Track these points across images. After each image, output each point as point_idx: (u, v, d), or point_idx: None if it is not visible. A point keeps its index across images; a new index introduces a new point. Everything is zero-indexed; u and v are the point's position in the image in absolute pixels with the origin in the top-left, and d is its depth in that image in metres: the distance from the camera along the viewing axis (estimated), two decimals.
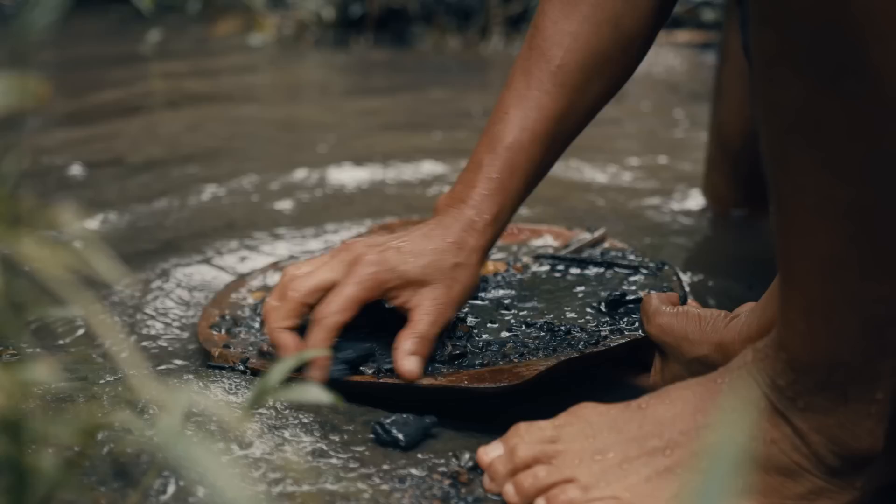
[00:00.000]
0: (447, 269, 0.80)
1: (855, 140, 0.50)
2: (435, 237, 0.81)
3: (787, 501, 0.62)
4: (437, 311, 0.79)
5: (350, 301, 0.77)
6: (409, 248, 0.80)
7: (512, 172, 0.82)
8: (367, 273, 0.78)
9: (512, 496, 0.64)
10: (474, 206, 0.82)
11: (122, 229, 1.28)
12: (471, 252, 0.81)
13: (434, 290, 0.79)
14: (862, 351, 0.56)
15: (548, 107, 0.82)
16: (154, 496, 0.62)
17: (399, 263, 0.79)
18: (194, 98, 2.31)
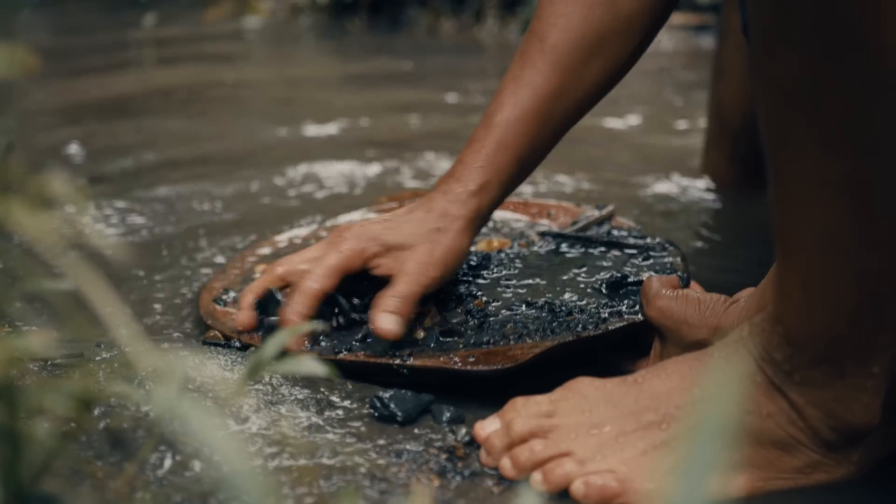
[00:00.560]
0: (427, 232, 0.81)
1: (854, 114, 0.50)
2: (417, 210, 0.83)
3: (783, 475, 0.62)
4: (418, 270, 0.79)
5: (330, 269, 0.79)
6: (391, 220, 0.82)
7: (499, 147, 0.82)
8: (347, 243, 0.80)
9: (508, 470, 0.64)
10: (461, 180, 0.83)
11: (120, 202, 1.28)
12: (453, 220, 0.82)
13: (415, 252, 0.80)
14: (858, 325, 0.57)
15: (539, 85, 0.82)
16: (151, 470, 0.62)
17: (379, 233, 0.81)
18: (189, 80, 2.31)
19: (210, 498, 0.60)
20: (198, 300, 0.92)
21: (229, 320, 0.85)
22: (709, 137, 1.36)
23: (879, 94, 0.49)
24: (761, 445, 0.62)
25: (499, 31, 3.09)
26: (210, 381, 0.73)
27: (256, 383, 0.75)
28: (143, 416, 0.68)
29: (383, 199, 1.18)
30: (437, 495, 0.63)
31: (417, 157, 1.57)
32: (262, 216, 1.25)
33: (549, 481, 0.62)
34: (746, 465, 0.62)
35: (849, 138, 0.51)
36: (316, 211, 1.26)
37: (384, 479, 0.64)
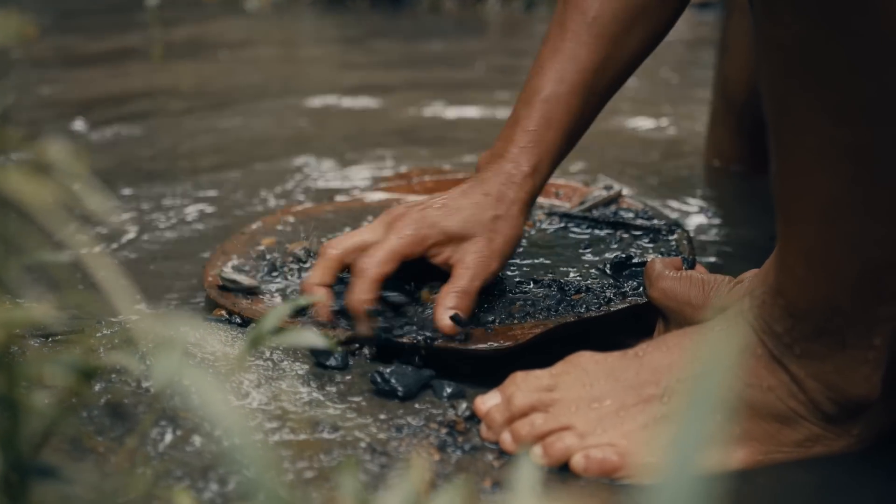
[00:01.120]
0: (487, 221, 0.79)
1: (857, 79, 0.49)
2: (474, 193, 0.81)
3: (783, 448, 0.62)
4: (479, 264, 0.79)
5: (391, 253, 0.78)
6: (449, 205, 0.80)
7: (549, 125, 0.81)
8: (408, 229, 0.79)
9: (509, 444, 0.64)
10: (512, 160, 0.82)
11: (121, 172, 1.28)
12: (510, 204, 0.81)
13: (475, 243, 0.79)
14: (860, 296, 0.56)
15: (584, 58, 0.81)
16: (152, 444, 0.62)
17: (439, 220, 0.79)
18: (192, 55, 2.30)
19: (211, 472, 0.60)
20: (202, 274, 0.92)
21: (236, 299, 0.85)
22: (713, 114, 1.35)
23: (884, 60, 0.48)
24: (761, 418, 0.62)
25: (501, 8, 3.08)
26: (211, 355, 0.73)
27: (257, 358, 0.75)
28: (144, 391, 0.68)
29: (392, 176, 1.18)
30: (437, 469, 0.63)
31: (419, 136, 1.56)
32: (263, 195, 1.24)
33: (550, 455, 0.62)
34: (746, 439, 0.62)
35: (852, 105, 0.50)
36: (316, 190, 1.26)
37: (384, 453, 0.64)
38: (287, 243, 0.98)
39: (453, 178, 1.14)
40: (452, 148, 1.48)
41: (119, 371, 0.69)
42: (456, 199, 0.81)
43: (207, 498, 0.57)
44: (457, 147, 1.48)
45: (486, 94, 1.90)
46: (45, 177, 0.33)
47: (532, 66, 0.84)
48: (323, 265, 0.81)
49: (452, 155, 1.43)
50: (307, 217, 1.06)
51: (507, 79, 2.08)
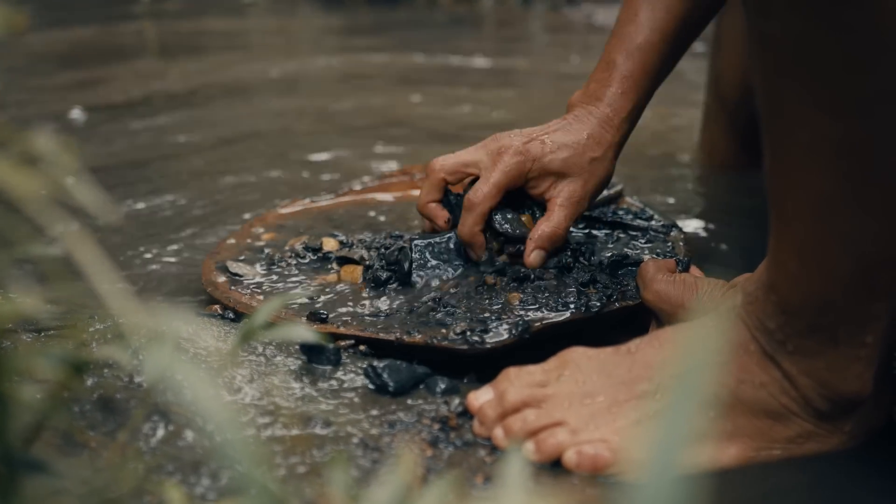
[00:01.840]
0: (585, 163, 0.84)
1: (850, 74, 0.49)
2: (574, 131, 0.85)
3: (775, 445, 0.62)
4: (572, 204, 0.84)
5: (496, 187, 0.84)
6: (553, 140, 0.85)
7: (645, 71, 0.85)
8: (512, 161, 0.84)
9: (501, 440, 0.64)
10: (610, 104, 0.86)
11: (117, 164, 1.28)
12: (608, 147, 0.85)
13: (572, 183, 0.85)
14: (852, 292, 0.56)
15: (676, 7, 0.84)
16: (144, 439, 0.62)
17: (541, 155, 0.84)
18: (188, 49, 2.29)
19: (202, 467, 0.60)
20: (202, 268, 0.92)
21: (231, 294, 0.85)
22: (707, 111, 1.36)
23: (877, 56, 0.48)
24: (754, 415, 0.62)
25: (494, 2, 3.08)
26: (203, 350, 0.73)
27: (250, 354, 0.74)
28: (137, 385, 0.68)
29: (395, 172, 1.18)
30: (429, 465, 0.63)
31: (416, 130, 1.56)
32: (262, 187, 1.24)
33: (542, 451, 0.62)
34: (738, 435, 0.62)
35: (845, 100, 0.50)
36: (316, 183, 1.26)
37: (377, 448, 0.63)
38: (288, 238, 0.98)
39: None
40: (451, 143, 1.48)
41: (111, 365, 0.69)
42: (557, 136, 0.85)
43: (199, 493, 0.57)
44: (454, 141, 1.48)
45: (482, 90, 1.90)
46: (34, 168, 0.33)
47: (622, 12, 0.87)
48: (429, 183, 0.88)
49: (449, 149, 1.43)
50: (309, 212, 1.06)
51: (503, 76, 2.08)
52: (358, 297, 0.84)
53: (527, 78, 2.06)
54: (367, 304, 0.83)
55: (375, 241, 0.93)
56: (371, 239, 0.94)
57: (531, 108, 1.77)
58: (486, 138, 0.87)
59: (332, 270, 0.90)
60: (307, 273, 0.90)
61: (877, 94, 0.49)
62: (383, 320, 0.79)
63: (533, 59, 2.36)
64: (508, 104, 1.78)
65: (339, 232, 0.99)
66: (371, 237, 0.95)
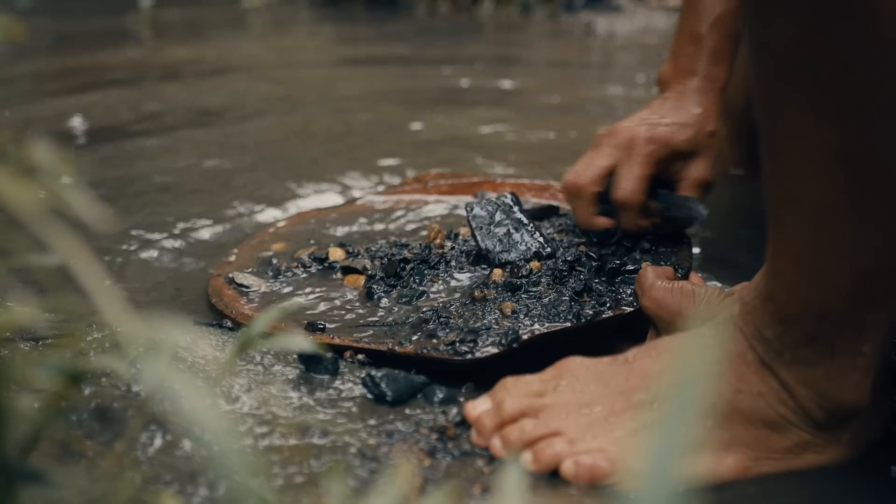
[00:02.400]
0: (707, 138, 0.88)
1: (849, 84, 0.49)
2: (684, 108, 0.89)
3: (773, 455, 0.62)
4: (702, 182, 0.89)
5: (640, 180, 0.87)
6: (671, 120, 0.88)
7: (728, 39, 0.89)
8: (647, 151, 0.87)
9: (499, 450, 0.64)
10: (705, 76, 0.89)
11: (113, 175, 1.28)
12: (717, 118, 0.89)
13: (698, 161, 0.89)
14: (850, 302, 0.56)
15: None
16: (141, 449, 0.62)
17: (670, 138, 0.88)
18: (189, 62, 2.30)
19: (200, 477, 0.59)
20: (208, 279, 0.93)
21: (237, 305, 0.85)
22: None
23: (873, 65, 0.48)
24: (751, 425, 0.61)
25: (495, 11, 3.08)
26: (202, 359, 0.73)
27: (248, 363, 0.74)
28: (134, 395, 0.68)
29: (409, 180, 1.18)
30: (427, 475, 0.62)
31: (426, 141, 1.56)
32: (268, 199, 1.24)
33: (539, 461, 0.62)
34: (736, 445, 0.62)
35: (843, 109, 0.50)
36: (324, 192, 1.26)
37: (374, 458, 0.63)
38: (296, 247, 0.98)
39: (468, 181, 1.15)
40: (455, 151, 1.48)
41: (108, 375, 0.69)
42: (675, 116, 0.89)
43: (196, 503, 0.57)
44: (460, 151, 1.48)
45: (481, 98, 1.90)
46: (31, 178, 0.33)
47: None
48: (584, 202, 0.89)
49: (456, 159, 1.43)
50: (318, 221, 1.06)
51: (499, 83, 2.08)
52: (357, 308, 0.84)
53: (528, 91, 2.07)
54: (366, 314, 0.83)
55: (381, 249, 0.94)
56: (377, 248, 0.94)
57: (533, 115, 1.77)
58: (600, 135, 0.89)
59: (336, 280, 0.90)
60: (311, 283, 0.90)
61: (874, 103, 0.49)
62: (378, 330, 0.79)
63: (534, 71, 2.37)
64: (509, 114, 1.79)
65: (347, 241, 0.99)
66: (377, 246, 0.95)
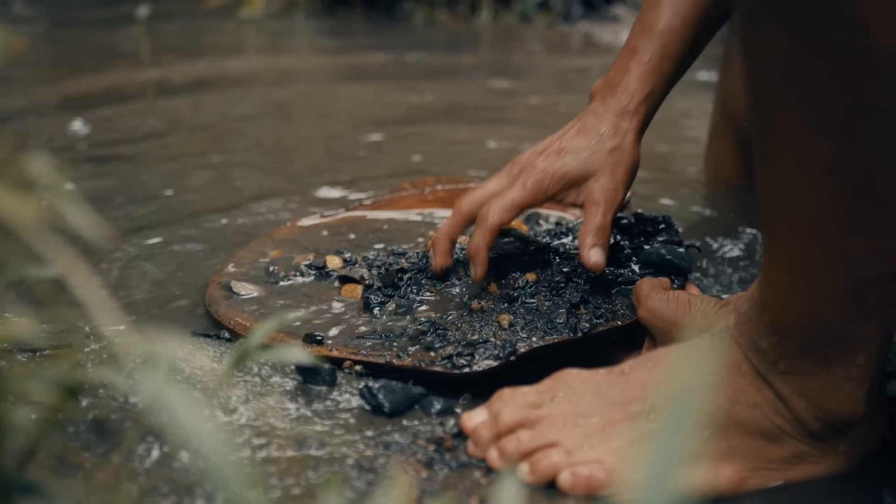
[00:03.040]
0: (605, 155, 0.84)
1: (840, 94, 0.49)
2: (589, 130, 0.85)
3: (770, 465, 0.62)
4: (606, 198, 0.83)
5: (512, 203, 0.83)
6: (568, 147, 0.85)
7: (664, 56, 0.85)
8: (531, 179, 0.83)
9: (496, 461, 0.64)
10: (626, 91, 0.86)
11: (109, 189, 1.28)
12: (625, 134, 0.85)
13: (598, 179, 0.84)
14: (844, 312, 0.56)
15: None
16: (139, 461, 0.62)
17: (560, 167, 0.84)
18: (186, 74, 2.30)
19: (197, 489, 0.60)
20: (206, 287, 0.93)
21: (235, 314, 0.85)
22: (713, 128, 1.35)
23: (863, 74, 0.48)
24: (748, 435, 0.62)
25: (493, 21, 3.09)
26: (199, 370, 0.73)
27: (245, 374, 0.75)
28: (132, 406, 0.68)
29: (406, 185, 1.18)
30: (424, 486, 0.62)
31: (417, 144, 1.57)
32: (259, 207, 1.24)
33: (537, 472, 0.62)
34: (733, 455, 0.62)
35: (835, 120, 0.50)
36: (320, 202, 1.26)
37: (371, 469, 0.64)
38: (295, 255, 0.98)
39: (465, 186, 1.15)
40: (451, 159, 1.48)
41: (106, 386, 0.69)
42: (573, 140, 0.85)
43: None
44: (455, 158, 1.49)
45: (481, 108, 1.91)
46: (29, 192, 0.33)
47: (646, 1, 0.87)
48: (453, 219, 0.87)
49: (450, 165, 1.43)
50: (317, 228, 1.06)
51: (500, 96, 2.09)
52: (355, 318, 0.84)
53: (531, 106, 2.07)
54: (363, 324, 0.83)
55: (378, 258, 0.94)
56: (374, 257, 0.94)
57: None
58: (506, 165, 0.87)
59: (334, 289, 0.90)
60: (309, 292, 0.90)
61: (867, 113, 0.49)
62: (376, 342, 0.79)
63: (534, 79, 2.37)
64: (509, 125, 1.79)
65: (345, 248, 0.99)
66: (374, 254, 0.95)
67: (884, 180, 0.51)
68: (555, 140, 0.86)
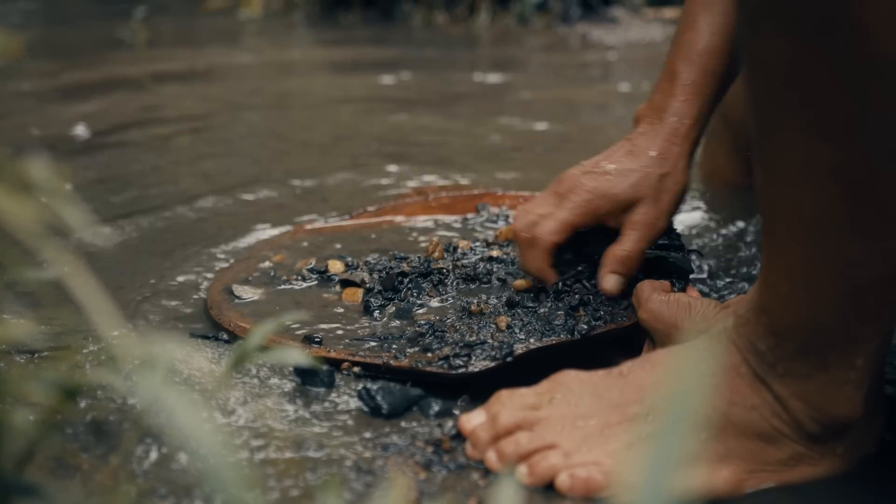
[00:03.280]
0: (654, 182, 0.83)
1: (841, 98, 0.49)
2: (640, 153, 0.84)
3: (767, 467, 0.62)
4: (644, 226, 0.83)
5: (563, 224, 0.83)
6: (619, 169, 0.84)
7: (707, 75, 0.84)
8: (580, 200, 0.83)
9: (494, 463, 0.64)
10: (674, 114, 0.84)
11: (106, 192, 1.28)
12: (676, 160, 0.84)
13: (643, 205, 0.83)
14: (842, 315, 0.57)
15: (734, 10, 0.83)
16: (137, 462, 0.62)
17: (610, 188, 0.83)
18: (183, 74, 2.30)
19: (195, 490, 0.60)
20: (208, 290, 0.93)
21: (235, 316, 0.85)
22: (711, 130, 1.34)
23: (864, 79, 0.48)
24: (746, 437, 0.62)
25: (491, 23, 3.09)
26: (197, 373, 0.73)
27: (244, 376, 0.75)
28: (130, 408, 0.68)
29: (411, 192, 1.18)
30: (422, 488, 0.63)
31: (416, 150, 1.57)
32: (262, 209, 1.24)
33: (535, 474, 0.62)
34: (731, 457, 0.62)
35: (835, 123, 0.50)
36: (319, 206, 1.26)
37: (370, 471, 0.64)
38: (297, 259, 0.98)
39: (469, 193, 1.15)
40: (449, 164, 1.48)
41: (104, 388, 0.69)
42: (624, 163, 0.84)
43: None
44: (452, 164, 1.49)
45: (478, 113, 1.91)
46: (27, 193, 0.33)
47: (681, 21, 0.86)
48: (540, 252, 0.84)
49: (448, 170, 1.43)
50: (321, 233, 1.06)
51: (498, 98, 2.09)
52: (355, 320, 0.84)
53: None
54: (363, 327, 0.83)
55: (379, 263, 0.94)
56: (376, 261, 0.95)
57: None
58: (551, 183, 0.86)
59: (335, 292, 0.90)
60: (310, 295, 0.90)
61: (868, 117, 0.49)
62: (374, 344, 0.79)
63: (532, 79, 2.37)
64: (510, 127, 1.79)
65: (347, 254, 0.99)
66: (376, 259, 0.95)
67: (884, 184, 0.51)
68: (601, 159, 0.85)
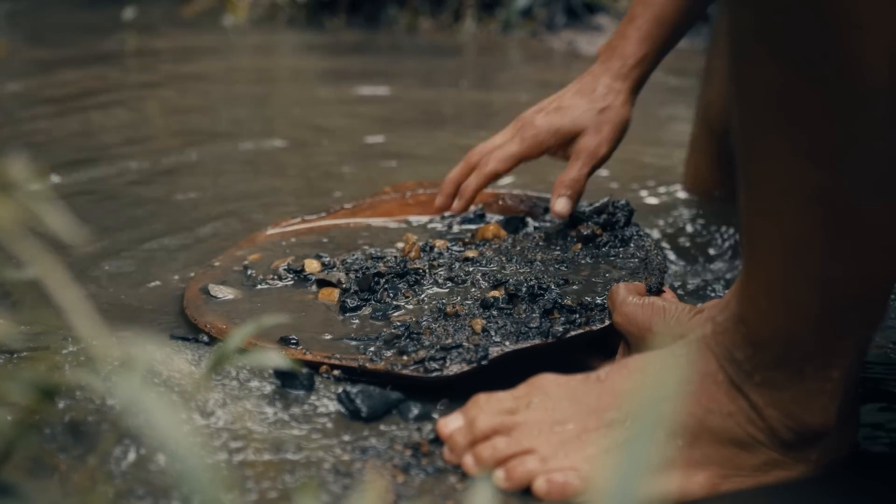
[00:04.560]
0: (596, 114, 0.95)
1: (829, 126, 0.50)
2: (586, 91, 0.95)
3: (742, 472, 0.63)
4: (587, 153, 0.94)
5: (510, 154, 0.96)
6: (565, 105, 0.96)
7: (658, 21, 0.93)
8: (529, 135, 0.96)
9: (471, 467, 0.65)
10: (622, 55, 0.95)
11: (88, 190, 1.28)
12: (616, 94, 0.94)
13: (585, 135, 0.95)
14: (819, 330, 0.57)
15: None
16: (115, 463, 0.62)
17: (554, 123, 0.95)
18: (168, 77, 2.30)
19: (173, 492, 0.60)
20: (184, 291, 0.93)
21: (212, 318, 0.85)
22: (694, 139, 1.35)
23: (855, 110, 0.49)
24: (721, 443, 0.62)
25: (476, 30, 3.10)
26: (176, 374, 0.73)
27: (223, 378, 0.75)
28: (108, 409, 0.68)
29: (387, 189, 1.18)
30: (400, 491, 0.63)
31: (398, 150, 1.57)
32: (239, 210, 1.24)
33: (512, 478, 0.63)
34: (706, 462, 0.63)
35: (821, 150, 0.51)
36: (301, 204, 1.26)
37: (348, 474, 0.64)
38: (274, 259, 0.98)
39: None
40: (434, 164, 1.49)
41: (82, 388, 0.69)
42: (572, 99, 0.96)
43: None
44: (437, 164, 1.49)
45: (461, 116, 1.91)
46: (6, 195, 0.33)
47: None
48: (460, 166, 1.00)
49: (431, 171, 1.43)
50: (298, 232, 1.06)
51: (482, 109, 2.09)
52: (331, 321, 0.84)
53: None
54: (340, 328, 0.83)
55: (356, 262, 0.94)
56: (352, 260, 0.95)
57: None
58: None
59: (312, 292, 0.90)
60: (287, 295, 0.90)
61: (855, 145, 0.50)
62: (350, 346, 0.80)
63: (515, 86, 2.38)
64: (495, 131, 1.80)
65: (324, 253, 0.99)
66: (353, 258, 0.95)
67: (868, 210, 0.52)
68: (555, 98, 0.95)
